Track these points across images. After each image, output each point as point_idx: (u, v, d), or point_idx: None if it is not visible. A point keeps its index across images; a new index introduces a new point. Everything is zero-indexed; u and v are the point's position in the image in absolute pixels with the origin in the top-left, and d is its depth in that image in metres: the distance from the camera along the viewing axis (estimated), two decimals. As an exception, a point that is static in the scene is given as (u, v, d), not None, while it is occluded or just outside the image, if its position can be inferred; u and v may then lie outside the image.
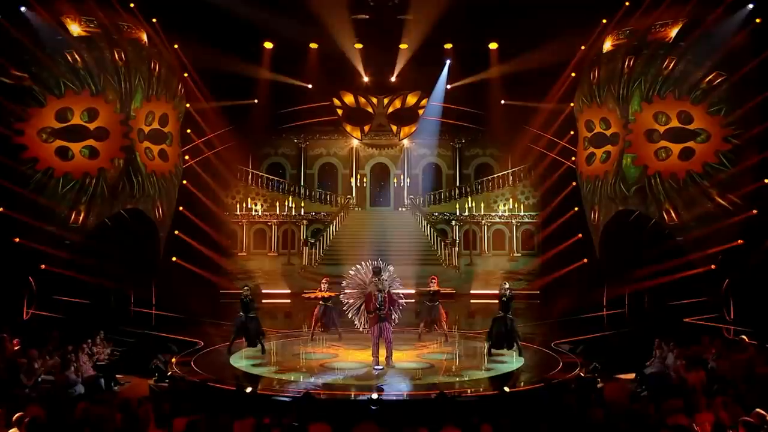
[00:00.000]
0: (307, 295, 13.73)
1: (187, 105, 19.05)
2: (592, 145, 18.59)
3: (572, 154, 19.71)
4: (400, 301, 11.40)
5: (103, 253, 16.07)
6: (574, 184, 19.73)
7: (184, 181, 19.33)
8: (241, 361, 11.78)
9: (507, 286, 12.42)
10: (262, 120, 21.58)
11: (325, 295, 13.18)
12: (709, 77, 15.53)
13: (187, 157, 19.41)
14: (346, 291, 11.64)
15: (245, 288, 12.95)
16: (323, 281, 13.57)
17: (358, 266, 11.58)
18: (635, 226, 17.31)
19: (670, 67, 16.07)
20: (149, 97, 17.57)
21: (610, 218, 17.98)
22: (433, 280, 13.64)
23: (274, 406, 8.71)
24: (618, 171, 17.40)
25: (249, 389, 9.06)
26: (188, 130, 19.29)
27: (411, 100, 23.93)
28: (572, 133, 19.55)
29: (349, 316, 11.70)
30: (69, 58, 15.82)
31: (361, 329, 11.71)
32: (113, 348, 12.65)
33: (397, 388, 9.87)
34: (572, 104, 19.25)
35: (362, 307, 11.40)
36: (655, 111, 16.51)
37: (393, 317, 11.40)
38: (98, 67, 16.16)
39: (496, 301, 12.56)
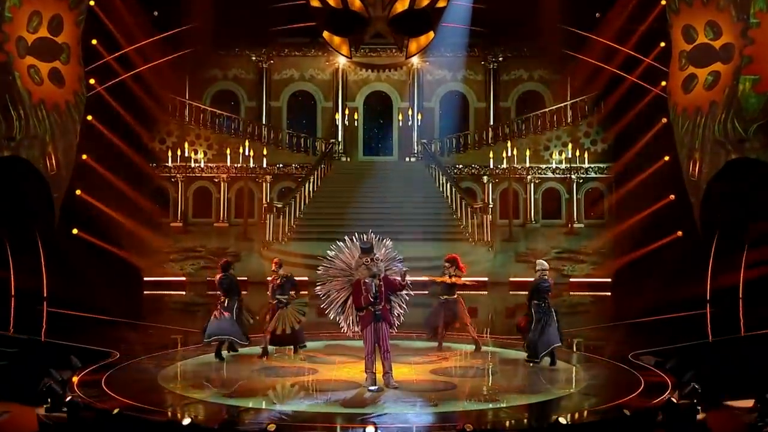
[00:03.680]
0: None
1: (92, 2, 18.72)
2: (692, 64, 18.46)
3: (662, 76, 19.52)
4: (404, 285, 11.23)
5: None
6: (664, 121, 19.68)
7: (89, 117, 19.19)
8: (174, 380, 11.68)
9: (546, 267, 12.55)
10: (204, 27, 21.33)
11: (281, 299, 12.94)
12: None
13: (92, 81, 19.23)
14: (325, 280, 11.49)
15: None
16: (274, 263, 13.32)
17: (342, 244, 11.41)
18: (755, 182, 17.20)
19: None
20: (33, -11, 17.27)
21: (719, 171, 17.90)
22: (452, 264, 13.44)
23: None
24: (731, 101, 17.26)
25: (187, 420, 8.93)
26: (94, 41, 19.05)
27: (424, -2, 23.63)
28: (662, 45, 19.40)
29: (332, 316, 11.60)
30: None
31: (348, 332, 11.61)
32: (-16, 362, 12.53)
33: (403, 419, 9.75)
34: (663, 1, 19.00)
35: (349, 302, 11.27)
36: (791, 10, 16.31)
37: (395, 314, 11.27)
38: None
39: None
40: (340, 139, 25.03)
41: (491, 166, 23.73)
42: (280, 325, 12.63)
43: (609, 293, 20.68)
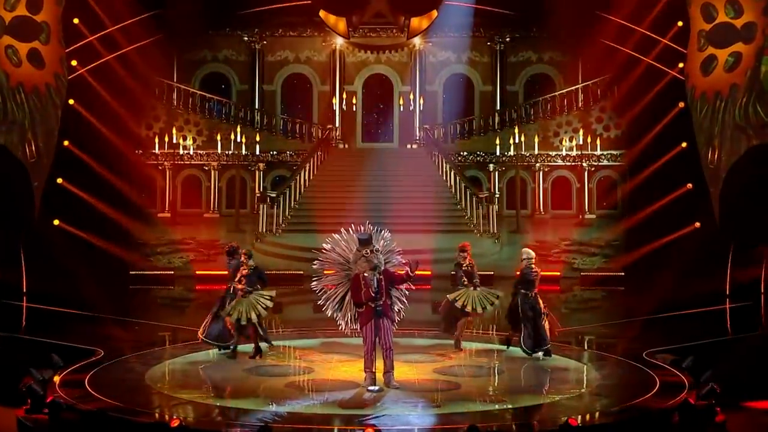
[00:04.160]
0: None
1: (73, -22, 18.70)
2: (711, 44, 18.45)
3: (680, 58, 19.48)
4: (411, 276, 11.21)
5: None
6: (681, 105, 19.62)
7: (71, 101, 19.15)
8: (162, 380, 11.71)
9: (532, 255, 12.81)
10: (192, 4, 21.26)
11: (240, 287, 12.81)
12: None
13: (74, 63, 19.19)
14: (321, 274, 11.47)
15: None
16: (243, 253, 13.21)
17: (338, 236, 11.36)
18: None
19: None
20: (11, -36, 17.27)
21: (739, 158, 17.91)
22: (465, 252, 13.47)
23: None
24: (753, 84, 17.34)
25: (175, 422, 8.93)
26: (75, 20, 18.98)
27: (426, -26, 23.57)
28: (680, 24, 19.31)
29: (329, 313, 11.59)
30: None
31: (346, 330, 11.60)
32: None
33: (404, 421, 9.75)
34: (681, -22, 18.92)
35: (347, 297, 11.25)
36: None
37: (395, 309, 11.23)
38: None
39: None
40: (337, 125, 24.99)
41: (497, 154, 23.72)
42: (236, 313, 12.52)
43: (622, 287, 20.70)
